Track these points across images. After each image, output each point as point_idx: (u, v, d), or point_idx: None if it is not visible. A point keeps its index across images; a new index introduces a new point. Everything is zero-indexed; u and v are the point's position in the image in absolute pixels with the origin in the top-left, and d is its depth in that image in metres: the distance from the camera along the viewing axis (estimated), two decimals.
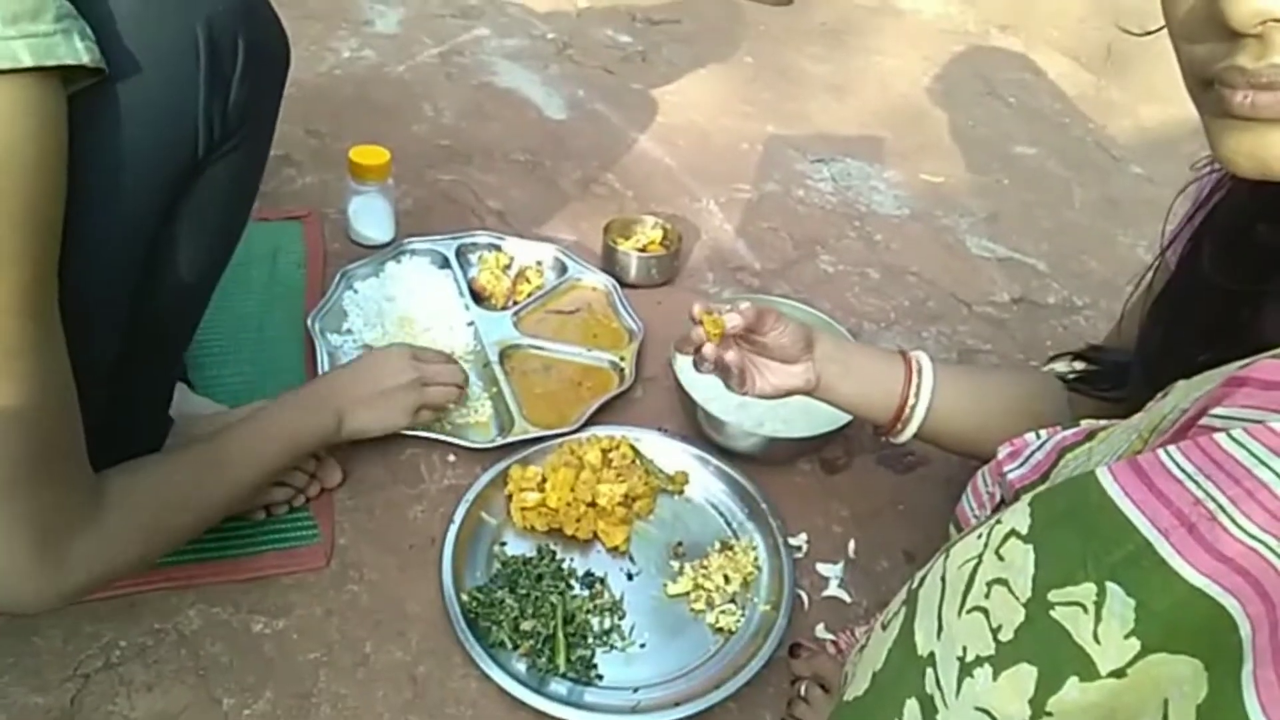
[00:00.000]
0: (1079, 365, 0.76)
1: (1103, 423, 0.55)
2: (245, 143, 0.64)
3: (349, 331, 1.06)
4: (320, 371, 0.99)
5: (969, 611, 0.48)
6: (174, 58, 0.57)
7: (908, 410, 0.81)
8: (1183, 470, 0.40)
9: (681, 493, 0.94)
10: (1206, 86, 0.48)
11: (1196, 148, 0.63)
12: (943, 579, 0.51)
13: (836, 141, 1.61)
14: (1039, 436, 0.57)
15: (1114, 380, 0.70)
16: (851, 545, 0.93)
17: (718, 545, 0.89)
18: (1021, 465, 0.58)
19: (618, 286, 1.17)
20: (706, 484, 0.95)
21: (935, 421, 0.82)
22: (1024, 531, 0.46)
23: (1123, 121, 1.78)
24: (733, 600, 0.85)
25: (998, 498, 0.61)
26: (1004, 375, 0.99)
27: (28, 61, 0.47)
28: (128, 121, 0.56)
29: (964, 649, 0.48)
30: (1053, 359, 0.76)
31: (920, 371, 0.82)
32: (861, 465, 1.01)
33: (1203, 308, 0.60)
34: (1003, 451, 0.58)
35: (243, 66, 0.60)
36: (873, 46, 1.97)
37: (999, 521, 0.48)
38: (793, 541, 0.91)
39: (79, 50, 0.50)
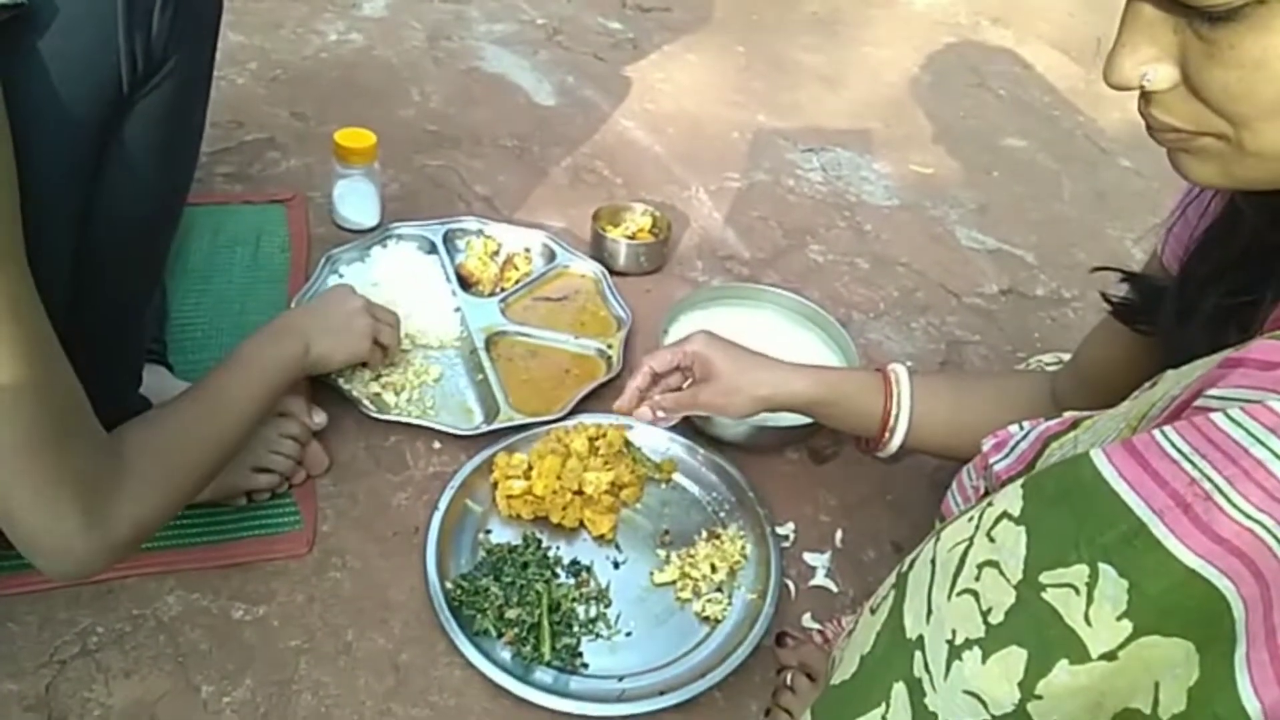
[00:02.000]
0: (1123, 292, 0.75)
1: (1086, 413, 0.55)
2: (174, 76, 0.63)
3: None
4: None
5: (959, 594, 0.48)
6: None
7: (891, 421, 0.81)
8: (1178, 450, 0.40)
9: (669, 481, 0.94)
10: None
11: None
12: (933, 562, 0.51)
13: (827, 131, 1.61)
14: (1022, 428, 0.57)
15: (1149, 311, 0.70)
16: (839, 535, 0.93)
17: (705, 534, 0.88)
18: (1007, 456, 0.57)
19: (606, 274, 1.16)
20: (694, 472, 0.95)
21: (919, 430, 0.82)
22: (1016, 513, 0.45)
23: (1111, 114, 1.78)
24: (719, 589, 0.84)
25: (982, 490, 0.61)
26: (985, 380, 0.99)
27: None
28: (49, 58, 0.55)
29: (953, 631, 0.47)
30: (1097, 269, 0.76)
31: (898, 383, 0.82)
32: (849, 455, 1.01)
33: (1243, 244, 0.60)
34: (987, 444, 0.58)
35: None
36: (864, 37, 1.96)
37: (990, 504, 0.48)
38: (780, 531, 0.91)
39: None
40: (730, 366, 0.81)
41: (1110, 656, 0.41)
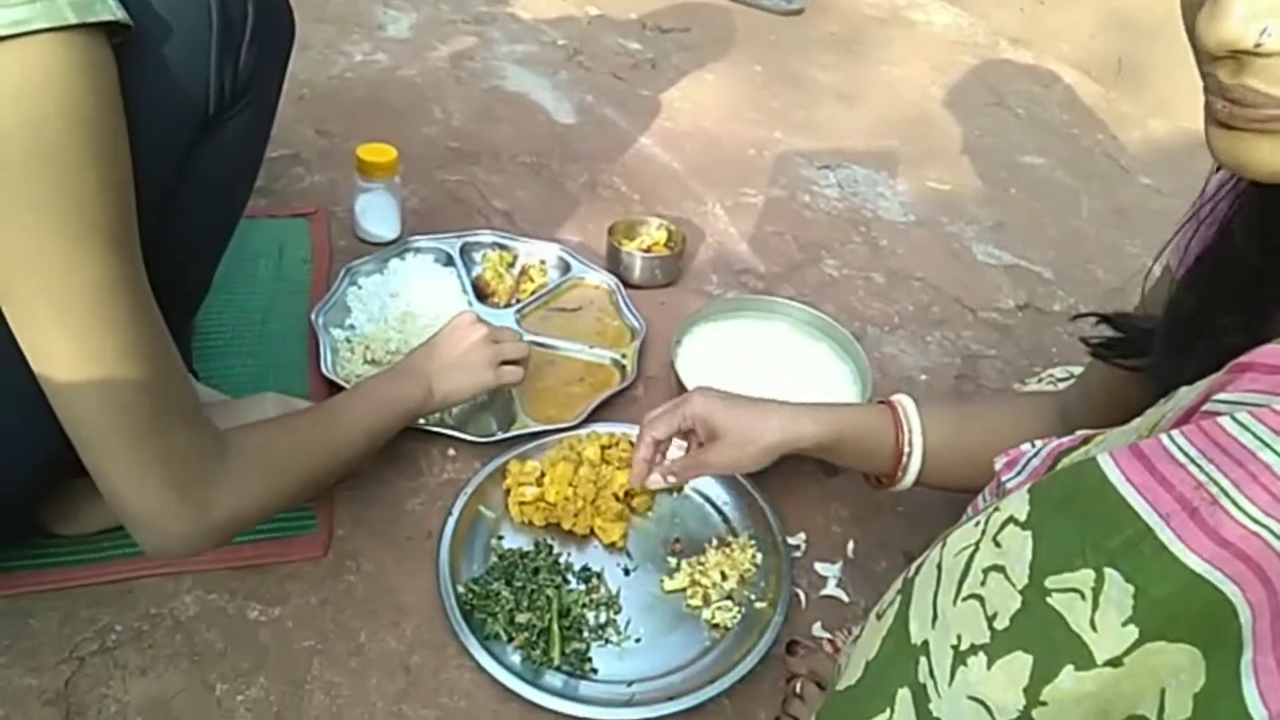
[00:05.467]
0: (1105, 331, 0.74)
1: (1099, 430, 0.54)
2: (252, 105, 0.67)
3: (352, 326, 1.07)
4: (323, 365, 1.00)
5: (964, 599, 0.47)
6: (189, 20, 0.59)
7: (904, 459, 0.80)
8: (1185, 454, 0.40)
9: (680, 490, 0.94)
10: (1204, 80, 0.48)
11: (1206, 161, 0.63)
12: (939, 567, 0.50)
13: (844, 149, 1.62)
14: (1034, 445, 0.56)
15: (1137, 348, 0.69)
16: (850, 545, 0.92)
17: (715, 542, 0.89)
18: (1019, 473, 0.57)
19: (621, 286, 1.17)
20: (705, 482, 0.95)
21: (932, 464, 0.80)
22: (1022, 518, 0.45)
23: (1132, 133, 1.78)
24: (729, 597, 0.84)
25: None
26: (993, 405, 0.97)
27: (73, 19, 0.50)
28: (147, 79, 0.58)
29: (958, 637, 0.47)
30: (1077, 317, 0.76)
31: (907, 417, 0.80)
32: (863, 481, 1.00)
33: (1233, 277, 0.59)
34: (999, 462, 0.57)
35: (251, 31, 0.63)
36: (882, 56, 1.97)
37: (997, 509, 0.48)
38: (791, 541, 0.91)
39: (112, 7, 0.52)
40: (734, 421, 0.78)
41: (1116, 663, 0.41)
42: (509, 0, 1.98)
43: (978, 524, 0.49)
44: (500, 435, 0.96)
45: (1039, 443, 0.56)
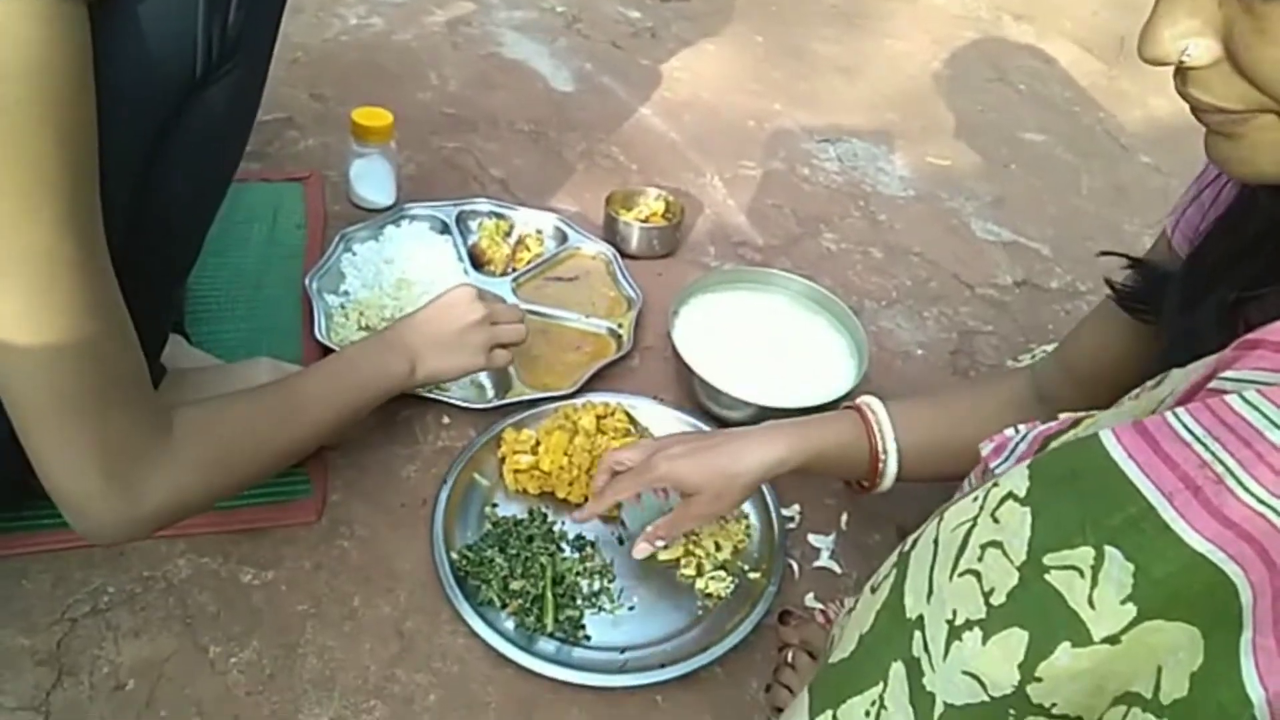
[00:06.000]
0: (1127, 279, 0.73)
1: (1085, 413, 0.54)
2: (240, 67, 0.65)
3: (346, 293, 1.06)
4: (317, 331, 0.99)
5: (961, 574, 0.47)
6: None
7: (880, 462, 0.78)
8: (1190, 432, 0.39)
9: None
10: None
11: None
12: (935, 541, 0.50)
13: (844, 122, 1.60)
14: (1018, 431, 0.55)
15: (1153, 299, 0.69)
16: (844, 518, 0.93)
17: None
18: (1007, 459, 0.56)
19: (618, 256, 1.17)
20: None
21: (910, 461, 0.79)
22: (1021, 494, 0.45)
23: (1133, 111, 1.77)
24: (723, 567, 0.85)
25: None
26: (962, 392, 0.96)
27: None
28: (131, 38, 0.56)
29: (954, 612, 0.47)
30: (1104, 254, 0.75)
31: (878, 420, 0.79)
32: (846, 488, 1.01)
33: (1256, 228, 0.59)
34: (986, 448, 0.56)
35: None
36: (884, 30, 1.95)
37: (996, 484, 0.47)
38: (785, 512, 0.91)
39: None
40: (707, 475, 0.74)
41: (1113, 640, 0.40)
42: None
43: (976, 499, 0.48)
44: (496, 402, 0.95)
45: (1023, 428, 0.55)
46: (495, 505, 0.88)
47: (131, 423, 0.59)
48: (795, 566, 0.87)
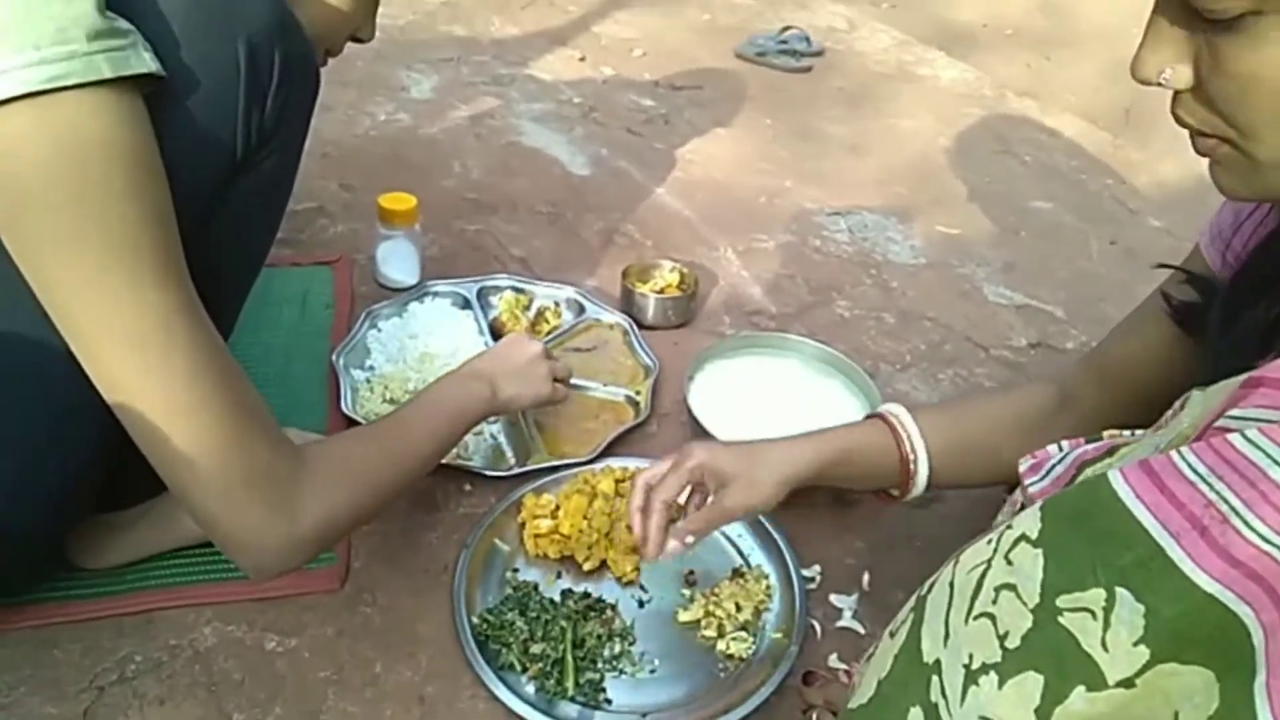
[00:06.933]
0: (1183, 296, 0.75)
1: (1125, 434, 0.54)
2: (278, 151, 0.70)
3: (371, 367, 1.09)
4: (343, 404, 1.02)
5: (976, 618, 0.47)
6: (218, 70, 0.62)
7: (911, 467, 0.80)
8: (1195, 472, 0.40)
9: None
10: None
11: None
12: (951, 585, 0.50)
13: (853, 196, 1.65)
14: (1061, 449, 0.56)
15: (1200, 314, 0.71)
16: (865, 578, 0.92)
17: (730, 574, 0.89)
18: (1043, 479, 0.56)
19: (634, 326, 1.20)
20: None
21: (939, 467, 0.80)
22: (1034, 536, 0.45)
23: (1140, 178, 1.80)
24: (744, 628, 0.84)
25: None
26: (984, 400, 0.99)
27: (109, 73, 0.53)
28: (177, 126, 0.61)
29: (970, 656, 0.47)
30: (1160, 266, 0.78)
31: (903, 425, 0.80)
32: (876, 499, 1.01)
33: None
34: (1024, 465, 0.57)
35: (278, 79, 0.66)
36: (890, 110, 2.02)
37: (1009, 526, 0.48)
38: (806, 573, 0.91)
39: (146, 60, 0.56)
40: (738, 464, 0.77)
41: (1128, 684, 0.40)
42: (527, 62, 2.06)
43: (990, 541, 0.49)
44: (517, 469, 0.97)
45: (1066, 445, 0.56)
46: (516, 570, 0.88)
47: (271, 451, 0.63)
48: (818, 627, 0.86)
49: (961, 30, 2.49)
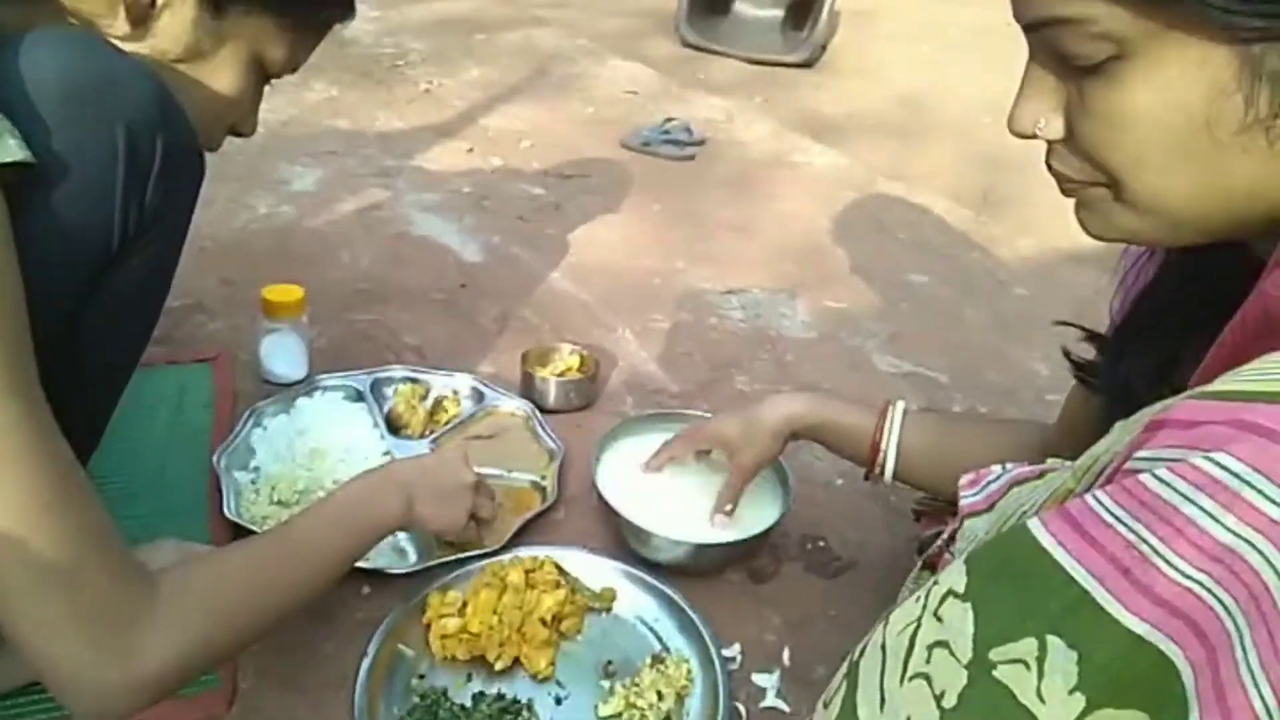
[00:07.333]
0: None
1: (1056, 464, 0.55)
2: (158, 241, 0.67)
3: (256, 468, 1.03)
4: (226, 509, 0.95)
5: (911, 679, 0.46)
6: (94, 157, 0.59)
7: (880, 454, 0.88)
8: (1112, 514, 0.40)
9: (609, 610, 0.91)
10: None
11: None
12: (883, 647, 0.49)
13: (744, 276, 1.69)
14: (1004, 468, 0.57)
15: (1095, 370, 0.74)
16: (786, 653, 0.90)
17: (649, 660, 0.85)
18: (976, 493, 0.57)
19: (536, 411, 1.17)
20: (635, 599, 0.92)
21: (907, 462, 0.88)
22: (961, 590, 0.44)
23: (1003, 251, 1.92)
24: (667, 717, 0.81)
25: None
26: (977, 423, 1.07)
27: None
28: (48, 215, 0.57)
29: (908, 718, 0.46)
30: (1059, 324, 0.79)
31: (891, 418, 0.88)
32: (790, 573, 1.00)
33: (1168, 300, 0.66)
34: (964, 479, 0.58)
35: (160, 167, 0.63)
36: (771, 194, 2.11)
37: (936, 582, 0.47)
38: (726, 653, 0.88)
39: (12, 148, 0.52)
40: (737, 426, 0.94)
41: None
42: (414, 155, 2.06)
43: (918, 599, 0.48)
44: (419, 566, 0.92)
45: (1010, 466, 0.57)
46: (422, 676, 0.83)
47: (112, 582, 0.56)
48: (743, 709, 0.84)
49: (829, 121, 2.65)
